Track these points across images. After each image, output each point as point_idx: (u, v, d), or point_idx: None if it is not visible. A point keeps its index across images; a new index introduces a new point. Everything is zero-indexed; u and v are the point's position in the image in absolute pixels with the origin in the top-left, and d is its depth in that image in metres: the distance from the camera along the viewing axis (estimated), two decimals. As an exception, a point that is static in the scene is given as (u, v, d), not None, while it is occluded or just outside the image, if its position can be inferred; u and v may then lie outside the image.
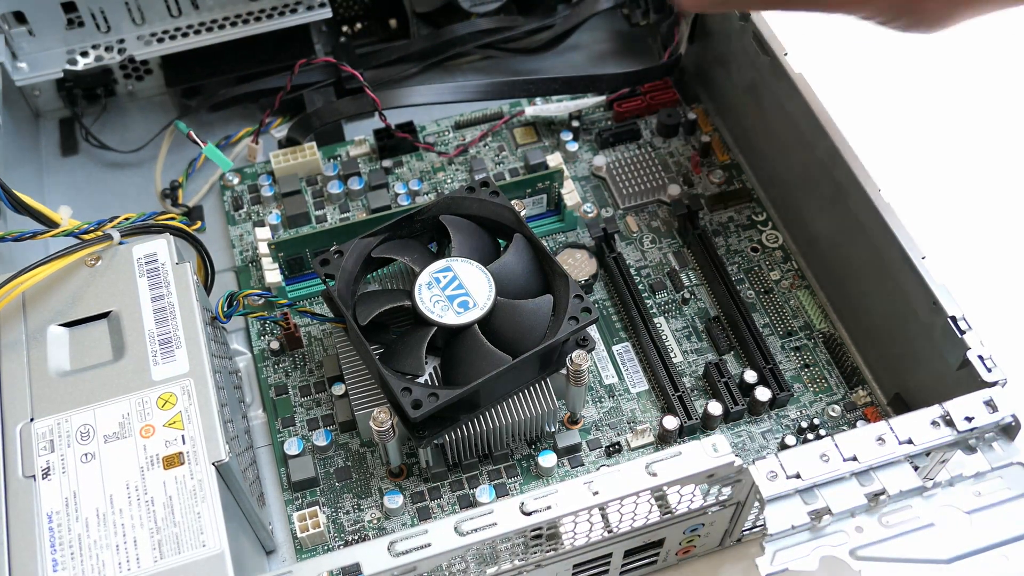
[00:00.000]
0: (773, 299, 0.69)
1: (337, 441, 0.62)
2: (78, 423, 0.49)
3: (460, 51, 0.84)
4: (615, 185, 0.75)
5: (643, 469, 0.46)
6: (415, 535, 0.45)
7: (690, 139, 0.79)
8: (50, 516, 0.46)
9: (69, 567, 0.44)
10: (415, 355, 0.56)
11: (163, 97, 0.83)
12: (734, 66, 0.75)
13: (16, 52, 0.76)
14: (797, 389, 0.64)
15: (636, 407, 0.64)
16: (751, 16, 0.69)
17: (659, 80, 0.80)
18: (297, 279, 0.70)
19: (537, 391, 0.59)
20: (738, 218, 0.74)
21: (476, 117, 0.80)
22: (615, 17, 0.86)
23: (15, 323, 0.52)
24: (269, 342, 0.67)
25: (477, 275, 0.58)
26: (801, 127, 0.65)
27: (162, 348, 0.51)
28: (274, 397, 0.64)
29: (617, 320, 0.68)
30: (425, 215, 0.63)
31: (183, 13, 0.78)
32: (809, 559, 0.45)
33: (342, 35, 0.84)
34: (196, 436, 0.48)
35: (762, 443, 0.62)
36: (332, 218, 0.74)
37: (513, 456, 0.62)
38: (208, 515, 0.46)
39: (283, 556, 0.59)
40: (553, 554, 0.49)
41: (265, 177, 0.75)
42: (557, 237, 0.73)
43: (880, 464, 0.47)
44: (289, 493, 0.61)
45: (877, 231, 0.58)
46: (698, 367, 0.66)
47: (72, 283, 0.54)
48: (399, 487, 0.60)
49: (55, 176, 0.78)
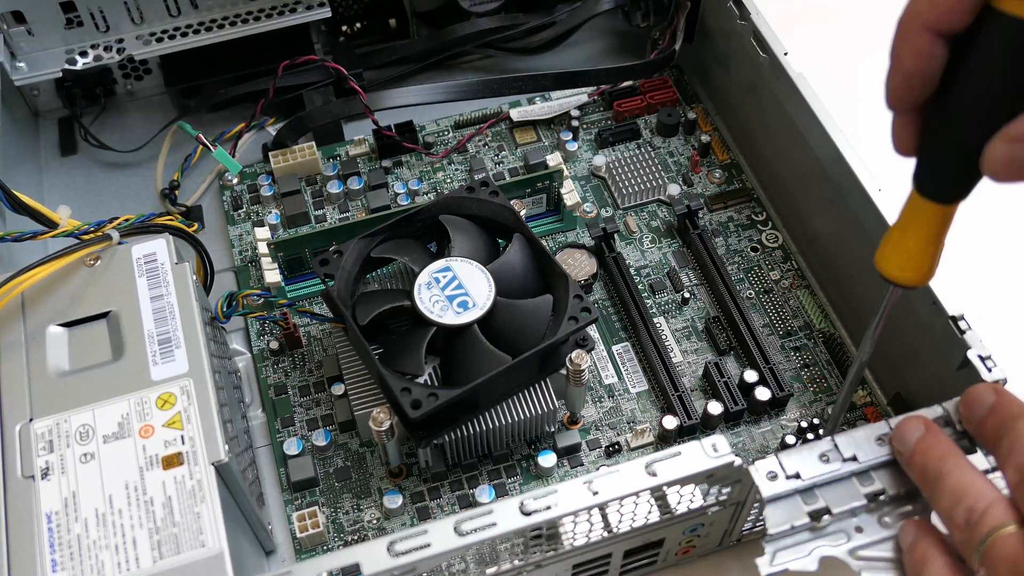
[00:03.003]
0: (773, 299, 0.69)
1: (337, 441, 0.62)
2: (77, 423, 0.49)
3: (460, 51, 0.84)
4: (615, 185, 0.75)
5: (643, 469, 0.46)
6: (415, 535, 0.44)
7: (690, 139, 0.78)
8: (49, 516, 0.46)
9: (68, 567, 0.44)
10: (415, 355, 0.56)
11: (162, 97, 0.82)
12: (734, 66, 0.75)
13: (15, 52, 0.76)
14: (797, 389, 0.64)
15: (636, 407, 0.64)
16: (751, 16, 0.69)
17: (650, 77, 0.80)
18: (297, 279, 0.70)
19: (537, 391, 0.59)
20: (738, 218, 0.74)
21: (475, 117, 0.80)
22: (615, 18, 0.86)
23: (14, 323, 0.52)
24: (269, 342, 0.67)
25: (477, 275, 0.58)
26: (801, 127, 0.65)
27: (161, 348, 0.51)
28: (273, 397, 0.64)
29: (617, 320, 0.68)
30: (425, 215, 0.63)
31: (182, 13, 0.78)
32: (809, 559, 0.45)
33: (342, 35, 0.84)
34: (195, 436, 0.48)
35: (762, 443, 0.62)
36: (331, 218, 0.74)
37: (513, 456, 0.62)
38: (207, 515, 0.46)
39: (283, 556, 0.59)
40: (553, 554, 0.49)
41: (264, 177, 0.75)
42: (557, 237, 0.73)
43: (880, 464, 0.47)
44: (289, 493, 0.61)
45: (877, 231, 0.58)
46: (698, 367, 0.66)
47: (71, 283, 0.54)
48: (399, 487, 0.60)
49: (54, 176, 0.78)
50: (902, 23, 0.40)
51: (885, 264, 0.46)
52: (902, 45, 0.40)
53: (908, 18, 0.40)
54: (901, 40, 0.40)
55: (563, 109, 0.79)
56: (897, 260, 0.46)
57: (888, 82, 0.42)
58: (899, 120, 0.43)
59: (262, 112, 0.77)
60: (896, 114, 0.43)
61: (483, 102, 0.80)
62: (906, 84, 0.41)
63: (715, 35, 0.77)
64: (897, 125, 0.44)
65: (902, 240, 0.46)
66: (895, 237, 0.46)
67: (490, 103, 0.80)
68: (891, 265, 0.46)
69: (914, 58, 0.40)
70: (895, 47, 0.41)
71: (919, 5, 0.39)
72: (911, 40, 0.40)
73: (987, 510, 0.41)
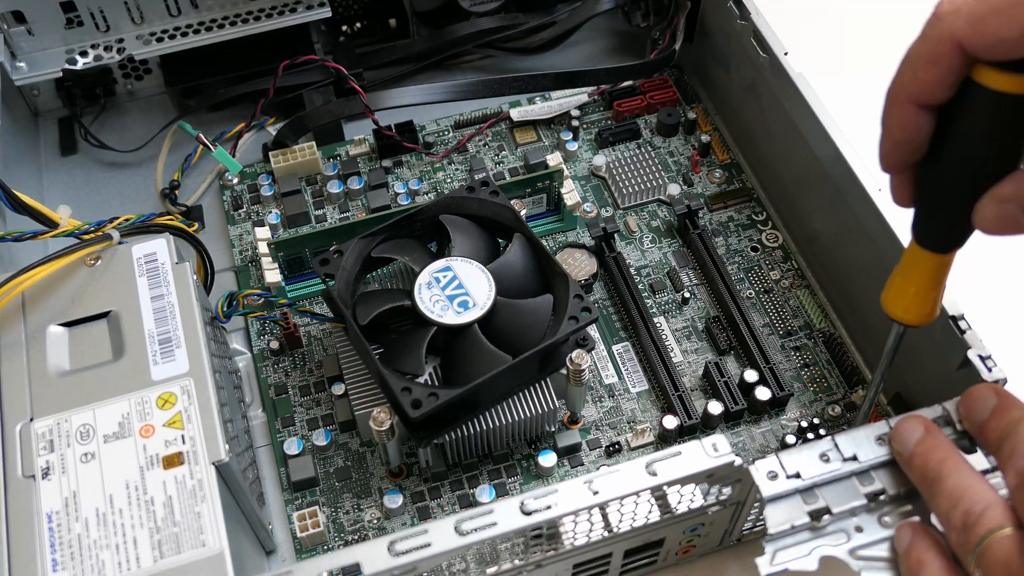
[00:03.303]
0: (773, 299, 0.69)
1: (337, 441, 0.62)
2: (78, 423, 0.49)
3: (460, 51, 0.84)
4: (615, 184, 0.75)
5: (643, 469, 0.46)
6: (415, 535, 0.44)
7: (690, 138, 0.79)
8: (50, 516, 0.46)
9: (69, 567, 0.44)
10: (415, 355, 0.56)
11: (162, 97, 0.82)
12: (734, 66, 0.75)
13: (15, 51, 0.76)
14: (797, 389, 0.64)
15: (636, 407, 0.64)
16: (751, 16, 0.69)
17: (650, 77, 0.80)
18: (297, 279, 0.70)
19: (537, 391, 0.59)
20: (738, 217, 0.74)
21: (475, 117, 0.80)
22: (615, 18, 0.86)
23: (15, 323, 0.52)
24: (269, 342, 0.67)
25: (477, 275, 0.58)
26: (801, 127, 0.65)
27: (162, 348, 0.51)
28: (274, 397, 0.64)
29: (617, 320, 0.68)
30: (425, 215, 0.63)
31: (182, 12, 0.78)
32: (809, 559, 0.45)
33: (342, 35, 0.84)
34: (196, 436, 0.48)
35: (762, 443, 0.62)
36: (332, 218, 0.74)
37: (513, 456, 0.62)
38: (208, 515, 0.46)
39: (283, 556, 0.59)
40: (553, 554, 0.49)
41: (265, 177, 0.75)
42: (557, 237, 0.73)
43: (880, 464, 0.47)
44: (289, 493, 0.61)
45: (877, 231, 0.58)
46: (698, 367, 0.66)
47: (72, 283, 0.54)
48: (399, 487, 0.60)
49: (54, 176, 0.78)
50: (889, 94, 0.42)
51: (890, 306, 0.49)
52: (890, 115, 0.43)
53: (895, 90, 0.42)
54: (889, 110, 0.43)
55: (563, 109, 0.79)
56: (901, 303, 0.49)
57: (880, 147, 0.44)
58: (895, 178, 0.46)
59: (262, 112, 0.77)
60: (891, 175, 0.46)
61: (483, 102, 0.80)
62: (896, 150, 0.44)
63: (715, 35, 0.77)
64: (894, 181, 0.46)
65: (904, 285, 0.48)
66: (898, 282, 0.49)
67: (490, 103, 0.80)
68: (896, 307, 0.49)
69: (902, 128, 0.42)
70: (884, 116, 0.43)
71: (904, 78, 0.41)
72: (898, 111, 0.42)
73: (984, 513, 0.41)
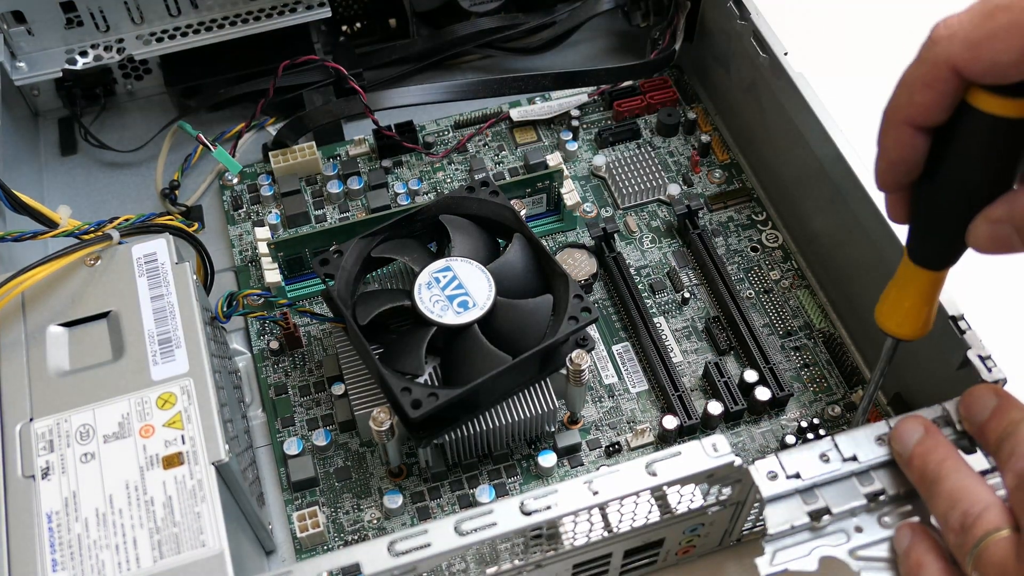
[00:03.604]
0: (773, 299, 0.69)
1: (337, 441, 0.62)
2: (78, 423, 0.49)
3: (460, 51, 0.84)
4: (615, 185, 0.75)
5: (643, 469, 0.46)
6: (415, 535, 0.44)
7: (690, 139, 0.78)
8: (49, 516, 0.46)
9: (69, 567, 0.44)
10: (415, 355, 0.56)
11: (162, 97, 0.82)
12: (734, 66, 0.75)
13: (15, 51, 0.76)
14: (797, 389, 0.64)
15: (636, 407, 0.64)
16: (751, 16, 0.69)
17: (650, 77, 0.80)
18: (297, 279, 0.70)
19: (537, 391, 0.59)
20: (738, 218, 0.74)
21: (475, 117, 0.80)
22: (615, 18, 0.86)
23: (15, 323, 0.52)
24: (269, 342, 0.67)
25: (477, 275, 0.58)
26: (801, 127, 0.65)
27: (161, 348, 0.51)
28: (274, 397, 0.64)
29: (617, 320, 0.68)
30: (425, 215, 0.63)
31: (182, 12, 0.78)
32: (809, 559, 0.45)
33: (342, 35, 0.84)
34: (196, 436, 0.48)
35: (762, 443, 0.62)
36: (331, 218, 0.74)
37: (513, 456, 0.62)
38: (208, 515, 0.46)
39: (283, 556, 0.59)
40: (553, 554, 0.49)
41: (264, 177, 0.75)
42: (557, 237, 0.73)
43: (880, 464, 0.47)
44: (289, 493, 0.61)
45: (877, 231, 0.58)
46: (698, 367, 0.66)
47: (72, 283, 0.54)
48: (399, 487, 0.60)
49: (54, 176, 0.78)
50: (885, 116, 0.43)
51: (884, 319, 0.50)
52: (886, 136, 0.43)
53: (890, 112, 0.42)
54: (885, 131, 0.43)
55: (563, 109, 0.79)
56: (895, 317, 0.49)
57: (876, 167, 0.45)
58: (890, 197, 0.46)
59: (262, 112, 0.77)
60: (886, 193, 0.46)
61: (483, 102, 0.80)
62: (892, 170, 0.44)
63: (715, 35, 0.77)
64: (890, 200, 0.46)
65: (898, 300, 0.49)
66: (892, 297, 0.49)
67: (490, 103, 0.80)
68: (889, 321, 0.50)
69: (897, 148, 0.43)
70: (880, 137, 0.43)
71: (900, 101, 0.42)
72: (894, 132, 0.42)
73: (982, 514, 0.41)
